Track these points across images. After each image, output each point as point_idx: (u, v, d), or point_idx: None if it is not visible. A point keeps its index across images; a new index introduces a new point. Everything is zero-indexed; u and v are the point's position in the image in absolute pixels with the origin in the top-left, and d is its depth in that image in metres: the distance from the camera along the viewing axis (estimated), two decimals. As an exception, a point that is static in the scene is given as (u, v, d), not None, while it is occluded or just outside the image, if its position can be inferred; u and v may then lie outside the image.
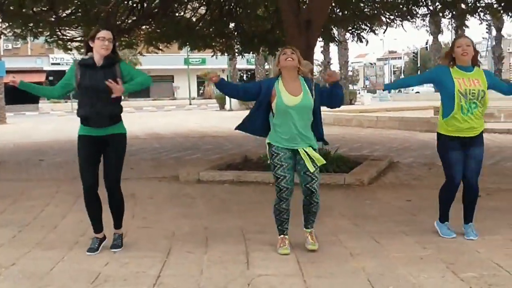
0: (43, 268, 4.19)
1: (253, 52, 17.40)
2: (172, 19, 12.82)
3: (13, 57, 45.49)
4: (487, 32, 50.10)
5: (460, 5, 12.37)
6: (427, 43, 61.89)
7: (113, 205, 4.71)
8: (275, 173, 4.43)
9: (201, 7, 13.55)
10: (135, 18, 12.43)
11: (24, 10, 10.62)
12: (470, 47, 4.63)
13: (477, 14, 12.33)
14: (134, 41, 14.09)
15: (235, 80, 41.49)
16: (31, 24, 11.51)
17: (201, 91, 55.65)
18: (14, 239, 5.09)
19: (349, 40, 14.58)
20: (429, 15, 13.79)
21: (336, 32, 16.70)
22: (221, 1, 12.91)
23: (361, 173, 7.95)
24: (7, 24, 11.94)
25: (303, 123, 4.39)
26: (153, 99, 48.31)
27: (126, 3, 12.22)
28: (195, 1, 13.29)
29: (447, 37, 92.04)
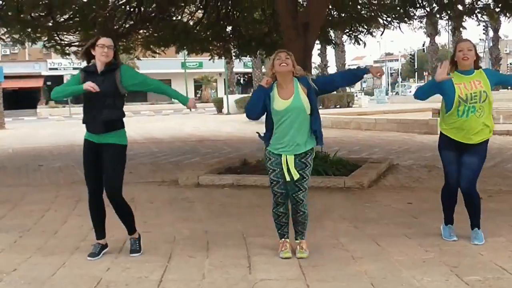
0: (44, 273, 4.17)
1: (250, 55, 17.40)
2: (169, 23, 12.83)
3: (11, 62, 45.59)
4: (484, 33, 50.31)
5: (457, 7, 12.37)
6: (424, 45, 62.01)
7: (119, 213, 4.71)
8: (269, 177, 4.54)
9: (198, 11, 13.57)
10: (132, 22, 12.42)
11: (22, 15, 10.62)
12: (471, 51, 4.58)
13: (474, 15, 12.32)
14: (131, 45, 14.08)
15: (232, 83, 41.50)
16: (29, 29, 11.49)
17: (199, 95, 55.61)
18: (15, 244, 5.07)
19: (346, 42, 14.55)
20: (426, 17, 13.81)
21: (333, 34, 16.68)
22: (218, 5, 12.92)
23: (361, 176, 7.95)
24: (5, 29, 11.93)
25: (295, 125, 4.36)
26: (150, 103, 48.22)
27: (123, 7, 12.23)
28: (192, 5, 13.29)
29: (444, 38, 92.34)
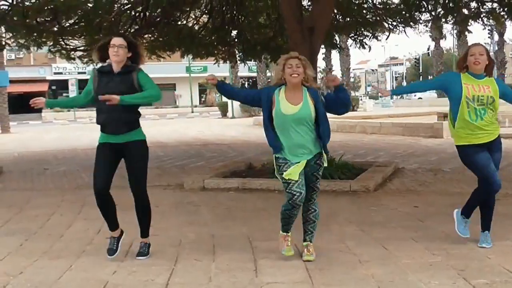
0: (50, 277, 4.17)
1: (255, 59, 17.41)
2: (174, 27, 12.85)
3: (16, 67, 45.77)
4: (489, 37, 50.05)
5: (462, 11, 12.37)
6: (428, 49, 61.89)
7: (139, 213, 4.68)
8: (291, 189, 4.26)
9: (203, 16, 13.59)
10: (137, 27, 12.44)
11: (27, 20, 10.65)
12: (483, 55, 4.56)
13: (480, 19, 12.32)
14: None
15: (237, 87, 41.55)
16: (35, 34, 11.53)
17: (203, 99, 55.72)
18: (21, 248, 5.07)
19: (351, 46, 14.55)
20: (431, 21, 13.81)
21: (338, 38, 16.68)
22: (223, 9, 12.94)
23: (366, 180, 7.93)
24: (11, 34, 11.98)
25: (302, 133, 4.30)
26: (155, 107, 48.27)
27: (128, 12, 12.24)
28: (197, 9, 13.32)
29: (449, 42, 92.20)
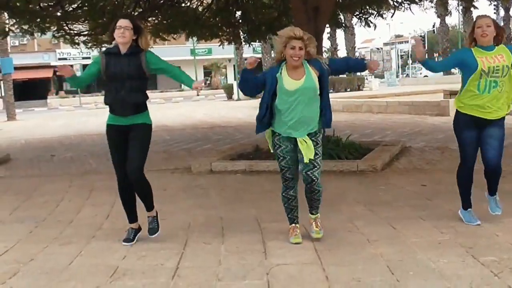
0: (61, 263, 4.20)
1: (259, 40, 17.30)
2: (178, 10, 12.77)
3: (20, 53, 45.69)
4: (495, 13, 49.47)
5: (468, -14, 12.23)
6: (434, 26, 61.38)
7: (137, 190, 4.70)
8: (279, 164, 4.47)
9: (207, -3, 13.50)
10: (141, 10, 12.38)
11: (30, 6, 10.61)
12: (490, 27, 4.52)
13: (486, -6, 12.18)
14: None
15: (242, 69, 41.43)
16: (38, 19, 11.49)
17: (208, 82, 55.57)
18: (30, 235, 5.11)
19: (356, 25, 14.43)
20: (437, -3, 13.67)
21: (343, 17, 16.55)
22: (227, -10, 12.84)
23: (373, 159, 7.92)
24: (14, 20, 11.94)
25: (307, 106, 4.33)
26: (160, 91, 48.27)
27: (132, -5, 12.18)
28: (201, -9, 13.23)
29: (454, 19, 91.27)
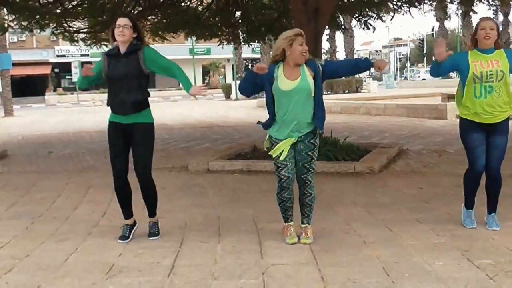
0: (57, 259, 4.20)
1: (259, 41, 17.31)
2: (178, 9, 12.79)
3: (19, 49, 45.61)
4: (494, 17, 49.60)
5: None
6: (433, 29, 61.50)
7: (145, 194, 4.71)
8: (275, 162, 4.43)
9: (207, -3, 13.50)
10: (141, 8, 12.39)
11: (30, 2, 10.62)
12: (494, 30, 4.50)
13: (485, -1, 12.22)
14: (140, 31, 14.02)
15: (241, 69, 41.44)
16: (38, 16, 11.49)
17: (207, 81, 55.53)
18: (27, 231, 5.10)
19: (355, 27, 14.45)
20: (436, 1, 13.67)
21: (342, 19, 16.57)
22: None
23: (371, 161, 7.92)
24: (13, 16, 11.93)
25: (301, 108, 4.32)
26: (158, 90, 48.21)
27: (132, -7, 12.18)
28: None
29: (454, 23, 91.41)
